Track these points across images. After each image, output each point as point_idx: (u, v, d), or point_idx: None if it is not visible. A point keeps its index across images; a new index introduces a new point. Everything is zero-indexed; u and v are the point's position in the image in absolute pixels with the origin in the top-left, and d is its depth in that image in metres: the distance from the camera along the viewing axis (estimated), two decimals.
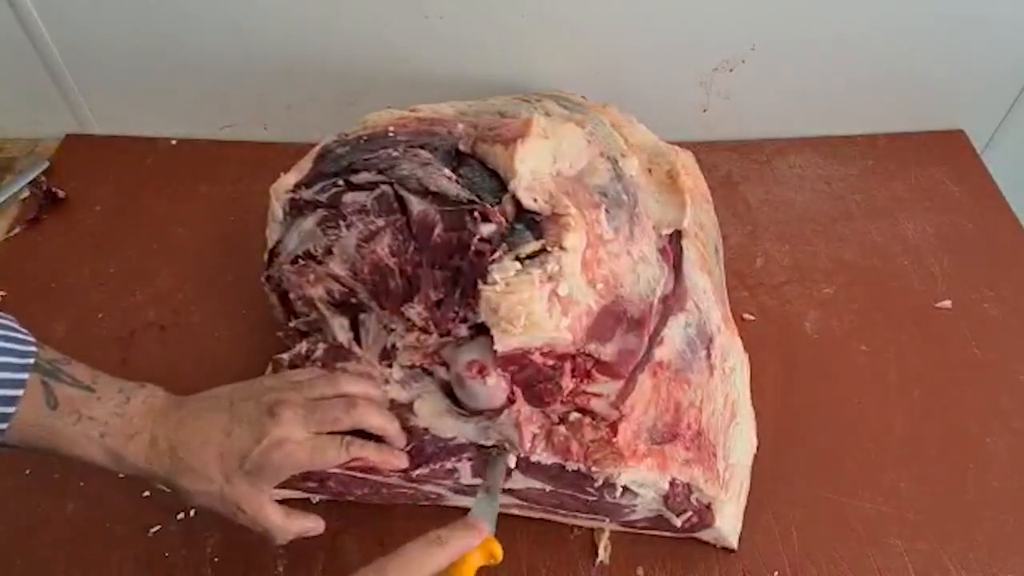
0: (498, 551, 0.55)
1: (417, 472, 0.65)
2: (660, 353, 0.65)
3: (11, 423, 0.51)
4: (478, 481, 0.65)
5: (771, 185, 1.00)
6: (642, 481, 0.63)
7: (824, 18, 0.91)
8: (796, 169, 1.02)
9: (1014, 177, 1.01)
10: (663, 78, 0.97)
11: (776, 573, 0.67)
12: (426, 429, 0.66)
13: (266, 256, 0.73)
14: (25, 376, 0.51)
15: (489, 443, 0.65)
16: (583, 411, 0.64)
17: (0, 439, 0.51)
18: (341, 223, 0.67)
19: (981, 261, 0.90)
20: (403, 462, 0.64)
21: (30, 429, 0.52)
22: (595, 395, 0.63)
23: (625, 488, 0.64)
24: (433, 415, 0.66)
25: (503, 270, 0.60)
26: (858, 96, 1.01)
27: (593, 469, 0.63)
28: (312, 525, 0.61)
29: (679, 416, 0.65)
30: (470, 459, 0.65)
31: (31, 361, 0.52)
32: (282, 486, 0.69)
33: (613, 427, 0.63)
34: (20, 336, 0.53)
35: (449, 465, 0.65)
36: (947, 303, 0.86)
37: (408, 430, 0.66)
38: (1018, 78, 0.99)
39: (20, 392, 0.51)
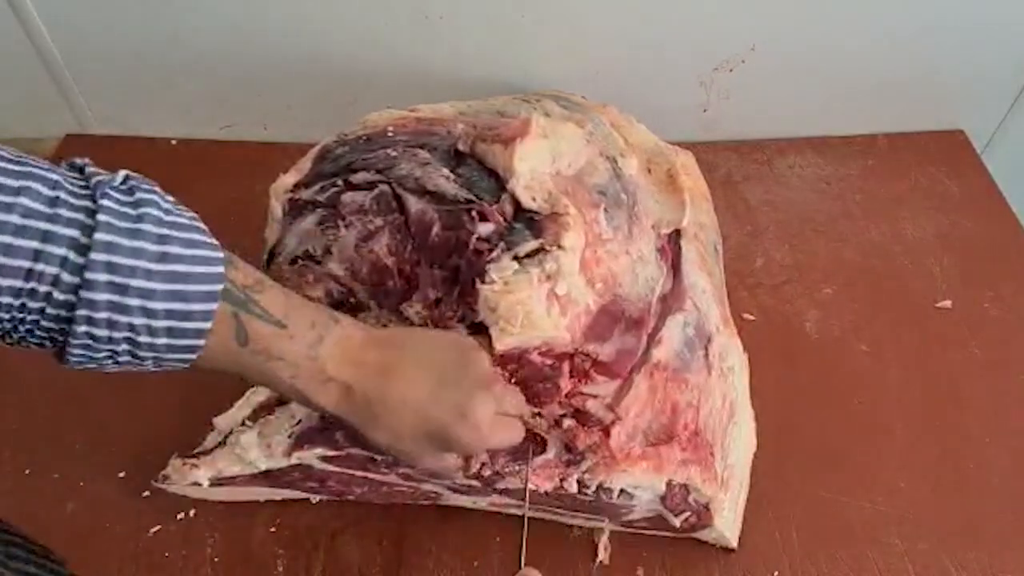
0: None
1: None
2: (658, 353, 0.65)
3: (200, 355, 0.47)
4: (474, 482, 0.65)
5: (771, 185, 1.00)
6: (637, 483, 0.63)
7: (824, 18, 0.91)
8: (796, 169, 1.02)
9: (1014, 177, 1.01)
10: (663, 78, 0.97)
11: (776, 573, 0.67)
12: None
13: (265, 256, 0.73)
14: (214, 306, 0.46)
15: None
16: (578, 413, 0.64)
17: (192, 365, 0.48)
18: (340, 223, 0.67)
19: (981, 261, 0.90)
20: None
21: (217, 360, 0.48)
22: (591, 396, 0.63)
23: (622, 490, 0.64)
24: None
25: (501, 269, 0.60)
26: (858, 96, 1.01)
27: (586, 476, 0.63)
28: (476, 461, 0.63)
29: (676, 416, 0.65)
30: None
31: (219, 288, 0.46)
32: (283, 486, 0.69)
33: (606, 431, 0.63)
34: (208, 255, 0.47)
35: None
36: (947, 303, 0.86)
37: None
38: (1018, 78, 0.99)
39: (208, 325, 0.46)
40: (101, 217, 0.43)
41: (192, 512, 0.71)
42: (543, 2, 0.90)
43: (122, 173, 0.47)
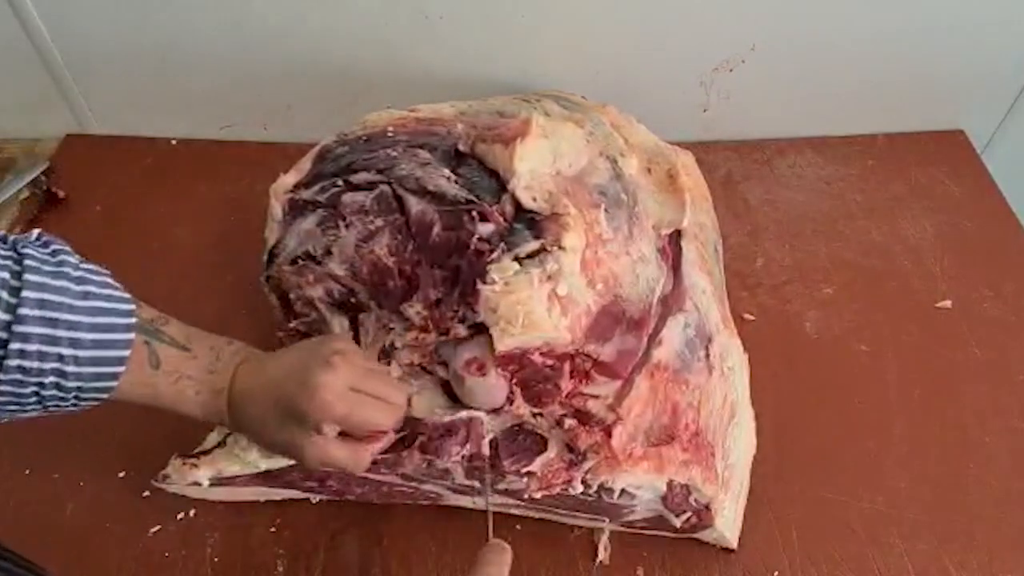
0: None
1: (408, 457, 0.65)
2: (659, 354, 0.65)
3: (118, 383, 0.53)
4: (474, 482, 0.65)
5: (771, 185, 1.00)
6: (638, 484, 0.63)
7: (824, 18, 0.91)
8: (796, 169, 1.02)
9: (1014, 177, 1.01)
10: (663, 78, 0.97)
11: (776, 573, 0.67)
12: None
13: (265, 256, 0.73)
14: (131, 337, 0.53)
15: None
16: (579, 413, 0.64)
17: (110, 396, 0.54)
18: (340, 223, 0.67)
19: (981, 261, 0.90)
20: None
21: (134, 387, 0.54)
22: (592, 396, 0.63)
23: (623, 490, 0.64)
24: (429, 410, 0.66)
25: (502, 270, 0.60)
26: (858, 96, 1.01)
27: (588, 477, 0.63)
28: (380, 445, 0.62)
29: (677, 417, 0.65)
30: (464, 457, 0.65)
31: (134, 321, 0.54)
32: (282, 486, 0.69)
33: (608, 431, 0.63)
34: (119, 295, 0.54)
35: (441, 465, 0.65)
36: (947, 303, 0.86)
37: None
38: (1018, 78, 0.99)
39: (128, 352, 0.53)
40: (28, 262, 0.49)
41: (192, 512, 0.71)
42: (543, 2, 0.90)
43: (35, 231, 0.53)
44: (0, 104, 1.05)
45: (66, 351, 0.49)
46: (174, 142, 1.06)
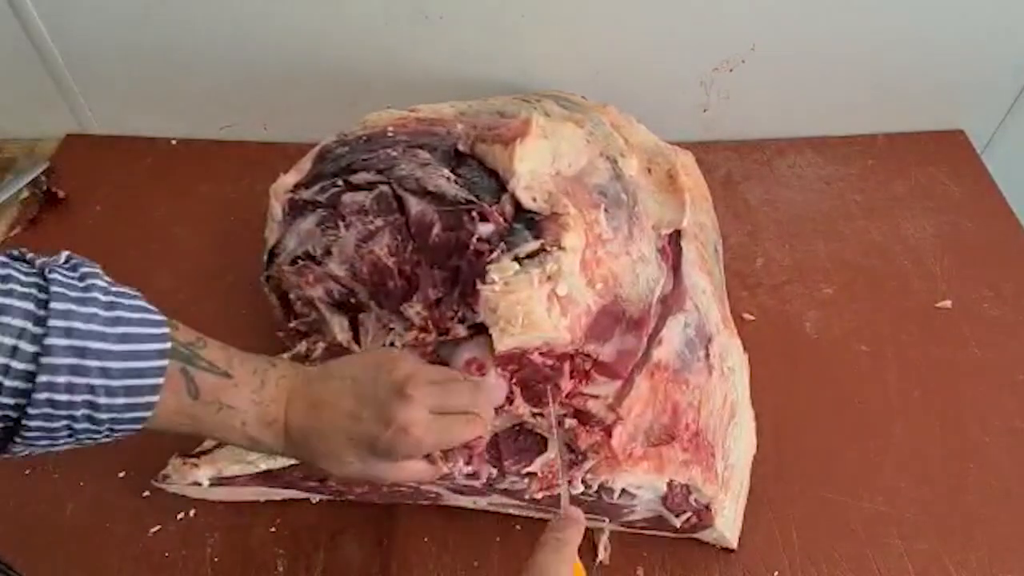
0: None
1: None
2: (659, 354, 0.65)
3: (155, 410, 0.50)
4: (473, 481, 0.65)
5: (771, 185, 1.00)
6: (639, 484, 0.63)
7: (824, 18, 0.91)
8: (796, 169, 1.02)
9: (1014, 177, 1.01)
10: (663, 78, 0.97)
11: (776, 573, 0.67)
12: None
13: (265, 256, 0.73)
14: (165, 363, 0.49)
15: None
16: (579, 413, 0.64)
17: (146, 425, 0.50)
18: (340, 223, 0.67)
19: (981, 261, 0.90)
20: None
21: (173, 417, 0.51)
22: (592, 396, 0.63)
23: (623, 490, 0.64)
24: None
25: (502, 270, 0.60)
26: (858, 96, 1.01)
27: (588, 476, 0.63)
28: (450, 464, 0.61)
29: (677, 417, 0.65)
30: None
31: (168, 346, 0.50)
32: (282, 486, 0.69)
33: (608, 431, 0.63)
34: (153, 318, 0.50)
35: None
36: (947, 303, 0.86)
37: None
38: (1018, 78, 0.99)
39: (162, 380, 0.49)
40: (54, 288, 0.46)
41: (192, 512, 0.71)
42: (543, 2, 0.90)
43: (64, 253, 0.50)
44: (0, 104, 1.04)
45: (97, 381, 0.46)
46: (174, 142, 1.06)
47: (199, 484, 0.67)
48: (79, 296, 0.47)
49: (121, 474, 0.73)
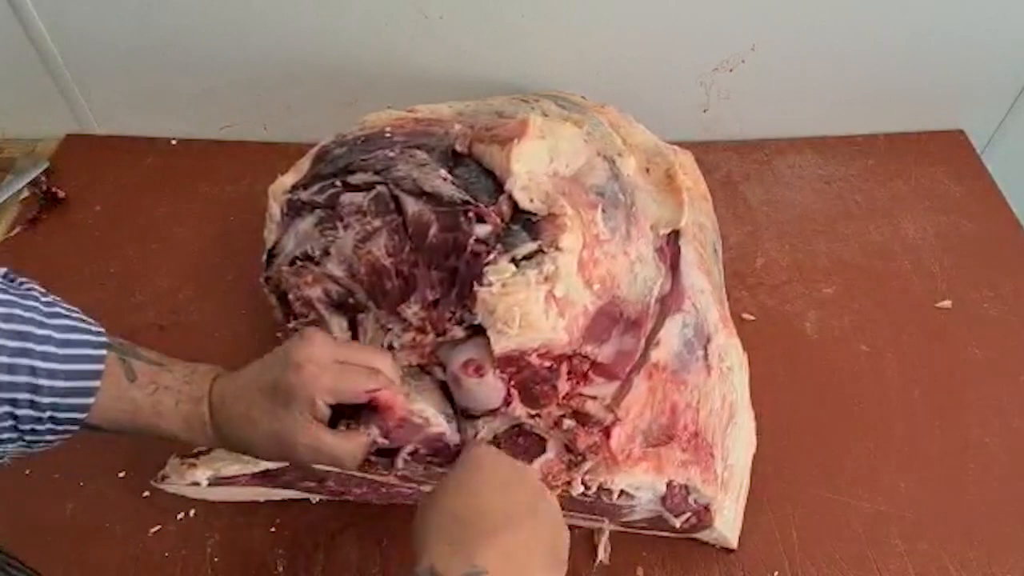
0: None
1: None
2: (657, 354, 0.65)
3: (96, 399, 0.52)
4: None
5: (771, 185, 1.00)
6: (638, 484, 0.63)
7: (824, 18, 0.91)
8: (796, 169, 1.02)
9: (1014, 177, 1.01)
10: (663, 78, 0.97)
11: (776, 573, 0.67)
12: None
13: (264, 257, 0.73)
14: (104, 352, 0.53)
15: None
16: (578, 414, 0.64)
17: (86, 417, 0.53)
18: (338, 224, 0.67)
19: (981, 261, 0.90)
20: (403, 410, 0.61)
21: (113, 404, 0.53)
22: (590, 397, 0.63)
23: (622, 491, 0.64)
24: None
25: (499, 271, 0.60)
26: (858, 96, 1.01)
27: (587, 477, 0.63)
28: (367, 439, 0.59)
29: (676, 417, 0.65)
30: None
31: (105, 340, 0.54)
32: (282, 486, 0.69)
33: (607, 432, 0.63)
34: (90, 323, 0.55)
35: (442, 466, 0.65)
36: (947, 303, 0.86)
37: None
38: (1018, 78, 0.99)
39: (102, 366, 0.52)
40: None
41: (192, 512, 0.71)
42: (543, 2, 0.90)
43: (2, 270, 0.53)
44: (0, 104, 1.05)
45: (39, 363, 0.49)
46: (174, 142, 1.06)
47: (198, 484, 0.67)
48: (19, 293, 0.51)
49: (121, 474, 0.73)
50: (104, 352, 0.53)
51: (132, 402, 0.54)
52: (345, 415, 0.58)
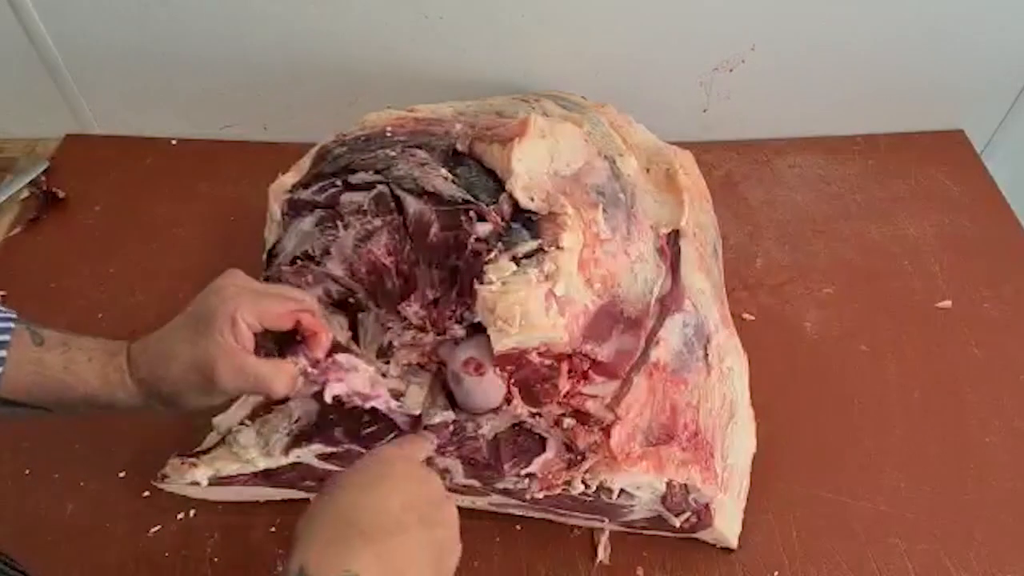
0: None
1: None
2: (657, 353, 0.65)
3: (5, 369, 0.52)
4: (473, 481, 0.65)
5: (771, 185, 1.00)
6: (638, 483, 0.63)
7: (824, 18, 0.91)
8: (796, 169, 1.02)
9: (1014, 177, 1.01)
10: (663, 78, 0.97)
11: (776, 573, 0.67)
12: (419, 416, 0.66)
13: (265, 256, 0.73)
14: (11, 324, 0.53)
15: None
16: (578, 413, 0.64)
17: None
18: (339, 223, 0.68)
19: (981, 261, 0.90)
20: (328, 341, 0.61)
21: (22, 369, 0.53)
22: (590, 396, 0.63)
23: (622, 490, 0.64)
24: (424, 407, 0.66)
25: (499, 270, 0.60)
26: (858, 96, 1.01)
27: (587, 476, 0.63)
28: (294, 368, 0.58)
29: (675, 417, 0.65)
30: (459, 456, 0.65)
31: (14, 316, 0.54)
32: (282, 485, 0.69)
33: (607, 431, 0.63)
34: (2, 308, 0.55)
35: (441, 464, 0.65)
36: (947, 303, 0.86)
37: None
38: (1018, 78, 0.99)
39: (7, 337, 0.52)
40: None
41: (192, 512, 0.71)
42: (543, 2, 0.90)
43: None
44: (0, 104, 1.05)
45: None
46: (174, 142, 1.06)
47: (198, 484, 0.67)
48: None
49: (121, 474, 0.73)
50: (11, 325, 0.53)
51: (39, 363, 0.53)
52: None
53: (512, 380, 0.62)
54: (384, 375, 0.67)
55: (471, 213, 0.63)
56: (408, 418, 0.65)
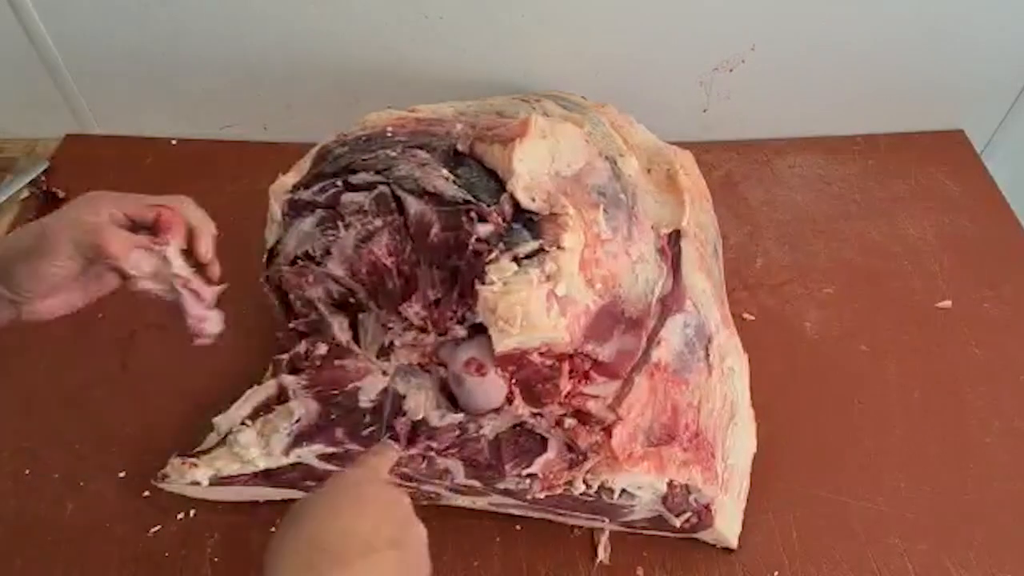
0: None
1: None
2: (658, 354, 0.65)
3: None
4: (474, 482, 0.65)
5: (771, 185, 1.00)
6: (639, 484, 0.63)
7: (824, 18, 0.91)
8: (796, 169, 1.02)
9: (1014, 177, 1.01)
10: (663, 78, 0.97)
11: (776, 573, 0.67)
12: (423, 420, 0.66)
13: (265, 257, 0.73)
14: None
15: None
16: (579, 413, 0.64)
17: None
18: (339, 224, 0.67)
19: (981, 261, 0.90)
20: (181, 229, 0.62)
21: None
22: (592, 397, 0.63)
23: (623, 490, 0.64)
24: (426, 408, 0.66)
25: (501, 270, 0.60)
26: (858, 96, 1.01)
27: (588, 476, 0.63)
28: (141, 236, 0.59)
29: (677, 417, 0.65)
30: (460, 456, 0.65)
31: None
32: (282, 485, 0.69)
33: (608, 431, 0.63)
34: None
35: (442, 465, 0.65)
36: (947, 303, 0.86)
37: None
38: (1018, 78, 0.99)
39: None
40: None
41: (192, 512, 0.71)
42: (543, 2, 0.90)
43: None
44: (0, 104, 1.04)
45: None
46: (174, 142, 1.06)
47: (198, 484, 0.67)
48: None
49: (121, 474, 0.73)
50: None
51: None
52: None
53: (513, 380, 0.62)
54: (385, 374, 0.68)
55: (472, 213, 0.63)
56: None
